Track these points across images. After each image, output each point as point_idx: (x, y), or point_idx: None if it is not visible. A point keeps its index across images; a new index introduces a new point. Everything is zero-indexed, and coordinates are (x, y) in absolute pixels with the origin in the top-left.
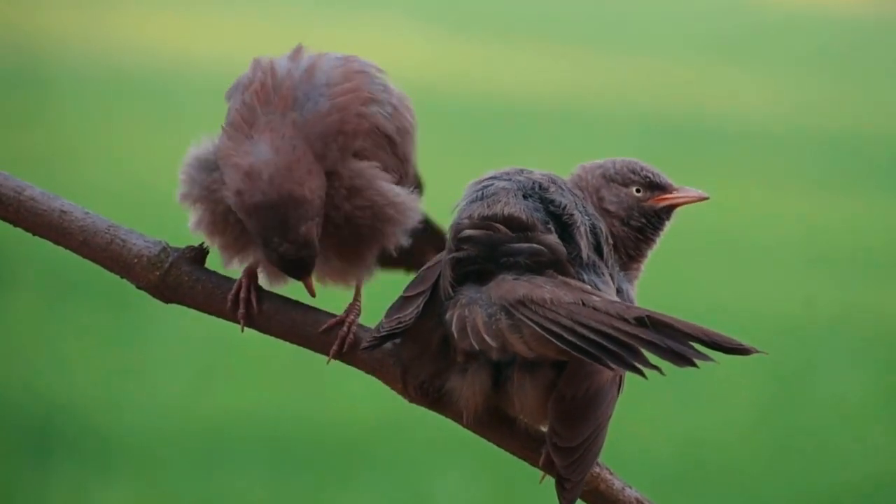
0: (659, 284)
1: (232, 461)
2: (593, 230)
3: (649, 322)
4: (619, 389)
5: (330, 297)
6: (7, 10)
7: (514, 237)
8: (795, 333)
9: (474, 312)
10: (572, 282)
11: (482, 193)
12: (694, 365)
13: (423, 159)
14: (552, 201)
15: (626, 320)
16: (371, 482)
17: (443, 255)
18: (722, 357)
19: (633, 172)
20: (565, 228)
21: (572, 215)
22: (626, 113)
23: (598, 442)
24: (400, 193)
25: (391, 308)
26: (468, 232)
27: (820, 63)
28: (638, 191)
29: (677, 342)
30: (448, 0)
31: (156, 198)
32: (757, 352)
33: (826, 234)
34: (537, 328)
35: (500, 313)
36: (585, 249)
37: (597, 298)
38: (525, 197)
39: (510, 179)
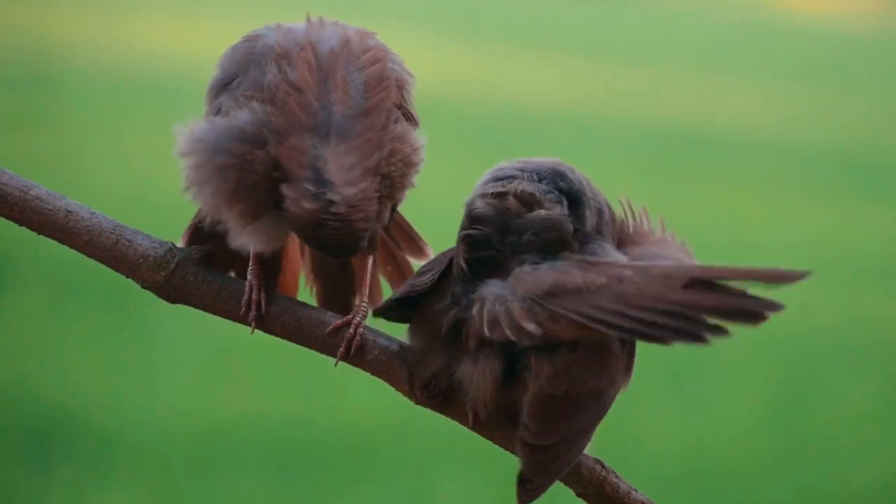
0: None
1: (235, 464)
2: (599, 212)
3: (698, 284)
4: (605, 406)
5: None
6: (15, 13)
7: (524, 210)
8: (799, 340)
9: (509, 304)
10: (592, 258)
11: (497, 175)
12: (760, 319)
13: (427, 166)
14: (564, 179)
15: (675, 290)
16: (376, 485)
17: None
18: (727, 364)
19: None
20: (576, 205)
21: (583, 192)
22: (628, 122)
23: (575, 450)
24: (418, 138)
25: (406, 281)
26: (480, 210)
27: (818, 74)
28: None
29: (733, 298)
30: (451, 8)
31: (162, 199)
32: (800, 275)
33: (826, 243)
34: (579, 318)
35: (535, 307)
36: (590, 222)
37: (629, 272)
38: (540, 179)
39: (524, 166)
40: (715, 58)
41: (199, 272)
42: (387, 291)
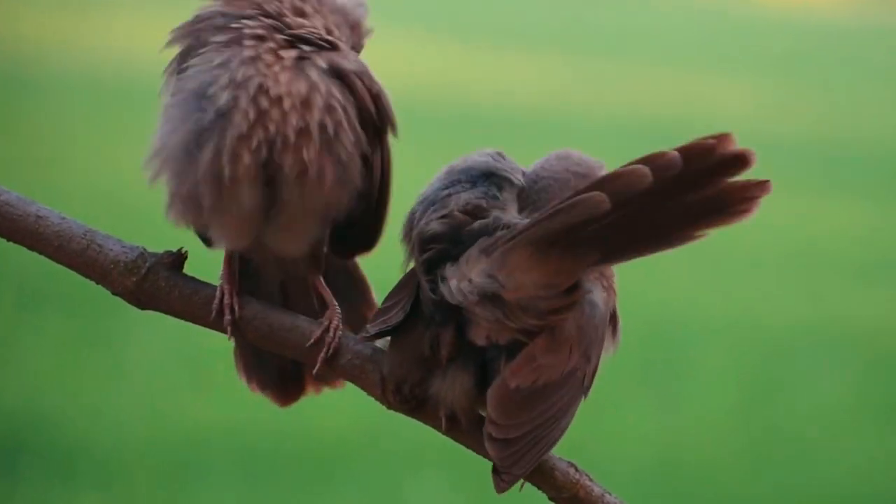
0: (639, 290)
1: (204, 471)
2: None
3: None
4: (582, 385)
5: None
6: None
7: (471, 220)
8: (773, 338)
9: (463, 269)
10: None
11: (432, 199)
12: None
13: (411, 165)
14: (495, 174)
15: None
16: (346, 493)
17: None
18: (700, 362)
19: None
20: (496, 177)
21: (508, 172)
22: (613, 119)
23: (547, 440)
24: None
25: (374, 315)
26: (432, 227)
27: (804, 70)
28: None
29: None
30: (437, 8)
31: (133, 202)
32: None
33: (804, 242)
34: (520, 240)
35: (487, 258)
36: (518, 178)
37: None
38: (474, 185)
39: (448, 178)
40: (697, 51)
41: (170, 277)
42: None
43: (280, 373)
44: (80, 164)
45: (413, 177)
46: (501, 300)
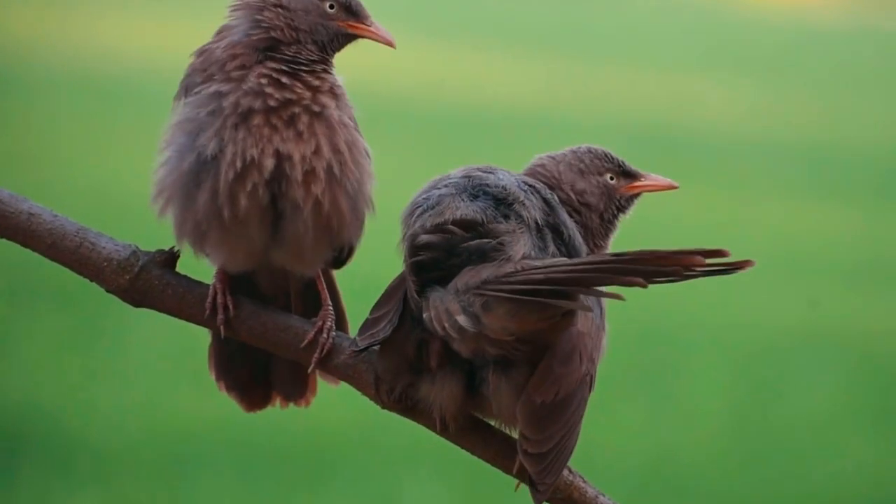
0: (633, 293)
1: (201, 466)
2: (542, 197)
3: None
4: (590, 388)
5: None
6: None
7: (469, 236)
8: (767, 341)
9: (448, 303)
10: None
11: (427, 204)
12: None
13: (401, 165)
14: (493, 185)
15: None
16: (340, 489)
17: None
18: (694, 365)
19: (606, 160)
20: (510, 207)
21: (515, 195)
22: (604, 121)
23: (570, 445)
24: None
25: (361, 328)
26: (425, 238)
27: (798, 72)
28: (611, 178)
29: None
30: (428, 8)
31: (126, 201)
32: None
33: (794, 243)
34: (504, 294)
35: (472, 297)
36: (530, 214)
37: (540, 261)
38: (474, 197)
39: (451, 184)
40: (692, 57)
41: (163, 276)
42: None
43: (249, 379)
44: (70, 162)
45: (398, 177)
46: (483, 336)
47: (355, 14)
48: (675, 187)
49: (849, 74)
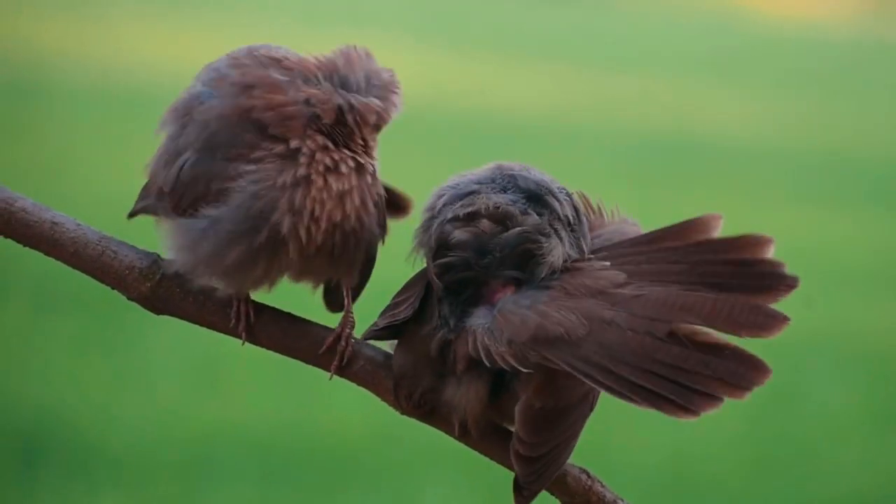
0: None
1: (221, 472)
2: (572, 201)
3: (682, 338)
4: (591, 407)
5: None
6: (0, 25)
7: (499, 230)
8: (782, 347)
9: (495, 342)
10: (570, 283)
11: (455, 193)
12: (747, 389)
13: (413, 173)
14: (525, 179)
15: (658, 339)
16: (361, 493)
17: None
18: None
19: None
20: (542, 202)
21: (549, 188)
22: (616, 130)
23: (563, 455)
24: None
25: (382, 312)
26: (457, 235)
27: (806, 81)
28: None
29: (723, 361)
30: (439, 17)
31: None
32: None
33: (813, 251)
34: (567, 368)
35: (524, 350)
36: (564, 210)
37: (610, 312)
38: (504, 189)
39: (479, 176)
40: (700, 65)
41: (184, 284)
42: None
43: None
44: (92, 171)
45: (407, 184)
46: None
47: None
48: None
49: (857, 84)
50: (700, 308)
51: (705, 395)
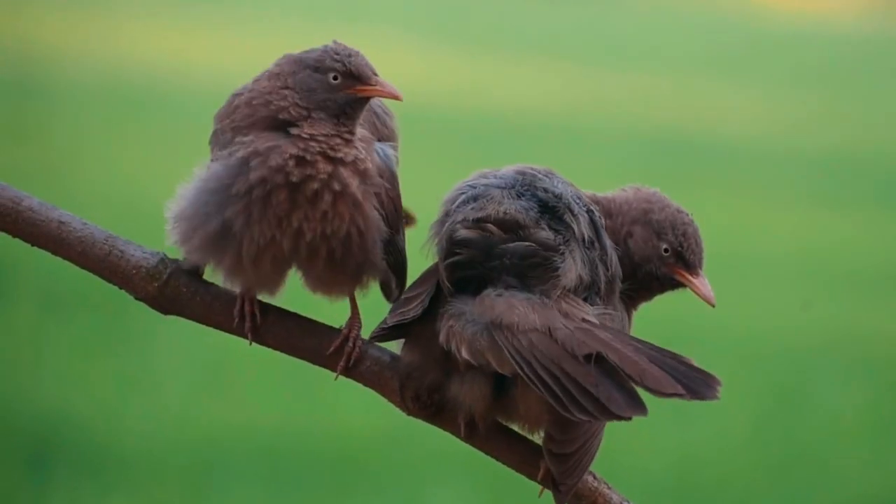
0: (654, 303)
1: (229, 473)
2: (591, 219)
3: (597, 360)
4: None
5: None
6: (4, 25)
7: (508, 237)
8: (790, 350)
9: (461, 327)
10: (547, 302)
11: (472, 194)
12: (635, 413)
13: (415, 172)
14: (545, 190)
15: (576, 358)
16: (368, 496)
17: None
18: (718, 372)
19: (675, 232)
20: (557, 216)
21: (568, 203)
22: (620, 128)
23: (593, 449)
24: None
25: (394, 307)
26: (463, 234)
27: (812, 81)
28: (666, 251)
29: (616, 387)
30: (443, 16)
31: (154, 209)
32: (682, 395)
33: (821, 252)
34: (505, 352)
35: (482, 332)
36: (580, 229)
37: (561, 326)
38: (519, 196)
39: (500, 178)
40: (703, 63)
41: (191, 283)
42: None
43: None
44: (99, 170)
45: (414, 183)
46: None
47: (359, 78)
48: (711, 304)
49: (865, 82)
50: (620, 354)
51: (580, 405)
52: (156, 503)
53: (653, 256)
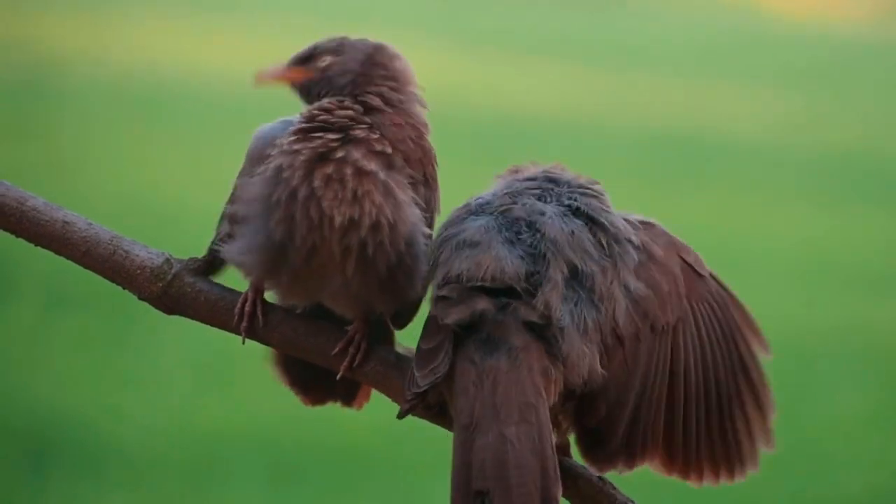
0: None
1: (229, 472)
2: (599, 242)
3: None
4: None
5: None
6: (12, 25)
7: (500, 307)
8: (792, 347)
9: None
10: (511, 403)
11: (458, 241)
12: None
13: None
14: (531, 230)
15: (468, 492)
16: (370, 494)
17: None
18: None
19: None
20: (541, 261)
21: (550, 241)
22: (625, 128)
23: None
24: None
25: (416, 360)
26: (454, 317)
27: (819, 81)
28: None
29: None
30: (453, 16)
31: (160, 209)
32: None
33: (823, 250)
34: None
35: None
36: (563, 270)
37: (499, 443)
38: (510, 243)
39: (494, 214)
40: (710, 64)
41: (195, 283)
42: None
43: (312, 377)
44: (104, 170)
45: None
46: None
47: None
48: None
49: (870, 83)
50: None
51: None
52: (157, 502)
53: None
